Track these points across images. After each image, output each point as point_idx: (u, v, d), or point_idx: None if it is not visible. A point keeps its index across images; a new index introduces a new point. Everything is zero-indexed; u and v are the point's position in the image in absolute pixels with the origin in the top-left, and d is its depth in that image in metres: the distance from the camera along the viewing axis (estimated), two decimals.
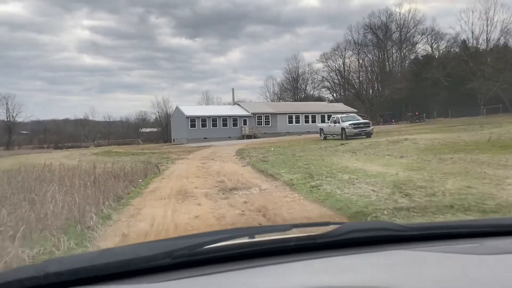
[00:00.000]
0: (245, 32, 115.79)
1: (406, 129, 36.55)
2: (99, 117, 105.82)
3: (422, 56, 72.11)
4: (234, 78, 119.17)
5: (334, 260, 1.15)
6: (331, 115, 51.91)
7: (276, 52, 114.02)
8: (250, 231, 1.45)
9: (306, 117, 51.09)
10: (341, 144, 23.66)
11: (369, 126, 28.22)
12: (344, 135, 28.17)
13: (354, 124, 27.87)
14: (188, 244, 1.15)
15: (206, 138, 46.76)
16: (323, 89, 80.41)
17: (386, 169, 11.17)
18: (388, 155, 16.32)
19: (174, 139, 53.19)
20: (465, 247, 1.27)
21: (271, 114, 50.24)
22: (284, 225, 1.44)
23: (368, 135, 27.95)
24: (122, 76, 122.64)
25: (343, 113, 50.85)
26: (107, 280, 1.03)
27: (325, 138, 31.32)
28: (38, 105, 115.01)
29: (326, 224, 1.37)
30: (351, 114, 30.33)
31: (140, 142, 79.88)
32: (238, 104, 53.66)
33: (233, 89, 55.60)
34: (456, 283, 0.98)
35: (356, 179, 9.49)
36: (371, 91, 69.03)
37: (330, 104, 57.94)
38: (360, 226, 1.49)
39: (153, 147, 47.33)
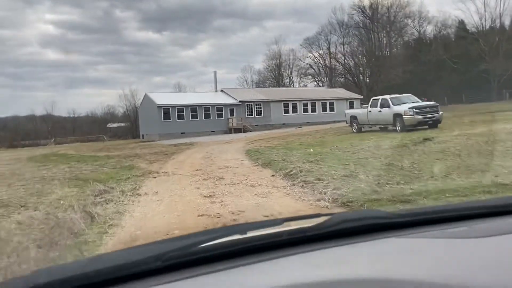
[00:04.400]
0: (213, 26, 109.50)
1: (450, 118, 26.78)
2: (64, 113, 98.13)
3: (415, 38, 63.47)
4: (204, 72, 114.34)
5: (326, 252, 1.10)
6: (333, 102, 42.06)
7: (245, 45, 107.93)
8: (241, 228, 1.28)
9: (305, 105, 40.63)
10: (424, 139, 13.44)
11: (437, 111, 18.19)
12: (400, 125, 18.05)
13: (416, 108, 17.76)
14: (178, 245, 1.08)
15: (183, 133, 35.81)
16: (307, 77, 70.63)
17: None
18: None
19: (143, 135, 41.69)
20: (455, 231, 1.23)
21: (264, 102, 39.48)
22: (275, 220, 1.26)
23: (436, 123, 18.00)
24: (89, 71, 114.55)
25: (348, 99, 41.22)
26: (99, 287, 0.97)
27: (359, 130, 21.13)
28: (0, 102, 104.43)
29: (317, 216, 1.30)
30: (404, 95, 20.36)
31: (105, 138, 69.31)
32: (222, 91, 42.54)
33: (215, 72, 44.60)
34: (448, 268, 0.95)
35: None
36: (366, 76, 59.62)
37: (331, 90, 47.69)
38: (350, 216, 1.35)
39: (118, 144, 36.04)
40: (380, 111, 19.36)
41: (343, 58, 62.57)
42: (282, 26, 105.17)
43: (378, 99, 19.96)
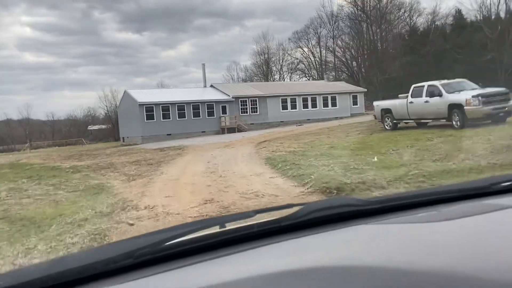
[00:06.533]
0: (194, 25, 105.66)
1: None
2: (43, 116, 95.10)
3: (412, 29, 59.64)
4: (186, 72, 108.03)
5: (297, 242, 1.09)
6: (335, 97, 37.40)
7: (227, 44, 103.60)
8: (214, 221, 1.25)
9: (305, 100, 35.70)
10: None
11: (509, 99, 13.67)
12: (459, 119, 13.53)
13: (483, 95, 13.23)
14: (150, 241, 1.05)
15: (170, 134, 30.74)
16: (296, 72, 66.18)
17: None
18: None
19: (123, 138, 36.33)
20: (423, 215, 1.21)
21: (259, 97, 34.42)
22: (247, 212, 1.25)
23: (505, 117, 13.54)
24: (69, 73, 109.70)
25: (351, 93, 36.43)
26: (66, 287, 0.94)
27: (394, 127, 16.55)
28: None
29: (289, 206, 1.26)
30: (456, 80, 15.92)
31: (85, 142, 64.23)
32: (212, 86, 37.35)
33: (203, 65, 38.79)
34: (412, 252, 0.94)
35: None
36: (362, 69, 55.33)
37: (331, 83, 42.89)
38: (321, 205, 1.28)
39: (95, 149, 30.82)
40: (427, 101, 14.77)
41: (338, 51, 58.23)
42: (263, 24, 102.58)
43: (423, 86, 15.37)
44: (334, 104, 36.66)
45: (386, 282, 0.79)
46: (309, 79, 62.01)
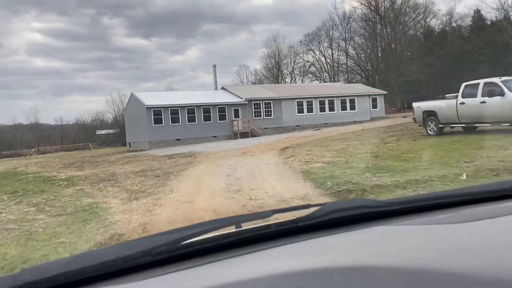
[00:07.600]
0: (201, 31, 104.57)
1: None
2: (52, 121, 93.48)
3: (429, 31, 57.07)
4: (194, 76, 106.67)
5: (315, 242, 1.07)
6: (353, 99, 34.89)
7: (234, 49, 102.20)
8: (231, 220, 1.24)
9: (322, 103, 33.29)
10: None
11: None
12: None
13: None
14: (168, 240, 1.05)
15: (179, 139, 28.54)
16: (308, 75, 63.85)
17: None
18: None
19: (130, 143, 34.12)
20: (443, 217, 1.19)
21: (274, 100, 32.02)
22: (265, 212, 1.22)
23: None
24: (78, 78, 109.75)
25: (370, 95, 33.89)
26: (86, 284, 0.95)
27: (439, 132, 14.12)
28: None
29: (307, 206, 1.25)
30: None
31: (91, 147, 62.58)
32: (223, 89, 35.05)
33: (214, 66, 36.61)
34: (435, 253, 0.93)
35: None
36: (377, 71, 52.77)
37: (349, 85, 40.39)
38: (340, 206, 1.26)
39: (100, 155, 28.74)
40: (483, 102, 12.36)
41: (351, 53, 55.78)
42: (271, 29, 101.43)
43: (477, 84, 12.98)
44: (352, 107, 34.22)
45: (404, 283, 0.76)
46: (320, 82, 59.71)
